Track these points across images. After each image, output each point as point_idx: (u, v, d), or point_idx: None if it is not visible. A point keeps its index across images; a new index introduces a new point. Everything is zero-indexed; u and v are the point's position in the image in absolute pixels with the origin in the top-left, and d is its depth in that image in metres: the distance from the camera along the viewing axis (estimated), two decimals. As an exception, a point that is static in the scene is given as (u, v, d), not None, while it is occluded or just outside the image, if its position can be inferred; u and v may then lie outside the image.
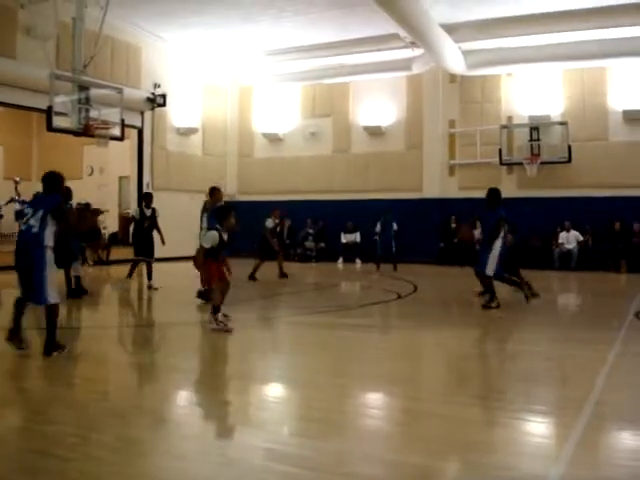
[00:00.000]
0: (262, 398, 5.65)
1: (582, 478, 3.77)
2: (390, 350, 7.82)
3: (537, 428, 4.79)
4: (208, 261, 8.35)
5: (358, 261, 21.39)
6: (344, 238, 22.34)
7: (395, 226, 18.80)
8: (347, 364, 6.97)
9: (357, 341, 8.28)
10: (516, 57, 19.82)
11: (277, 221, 15.64)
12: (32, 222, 6.62)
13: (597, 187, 19.44)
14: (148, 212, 13.30)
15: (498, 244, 10.70)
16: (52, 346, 6.66)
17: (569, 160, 19.70)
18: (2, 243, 19.98)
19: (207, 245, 8.27)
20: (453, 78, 21.57)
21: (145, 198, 13.70)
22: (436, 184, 21.87)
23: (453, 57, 19.53)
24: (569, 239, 19.50)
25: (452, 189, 21.67)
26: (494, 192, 11.38)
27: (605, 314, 10.87)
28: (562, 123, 20.04)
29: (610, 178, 19.29)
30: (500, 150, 20.46)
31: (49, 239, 6.61)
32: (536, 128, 20.30)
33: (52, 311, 6.65)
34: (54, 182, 7.10)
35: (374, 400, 5.69)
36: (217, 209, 9.36)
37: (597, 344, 7.83)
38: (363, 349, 7.80)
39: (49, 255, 6.61)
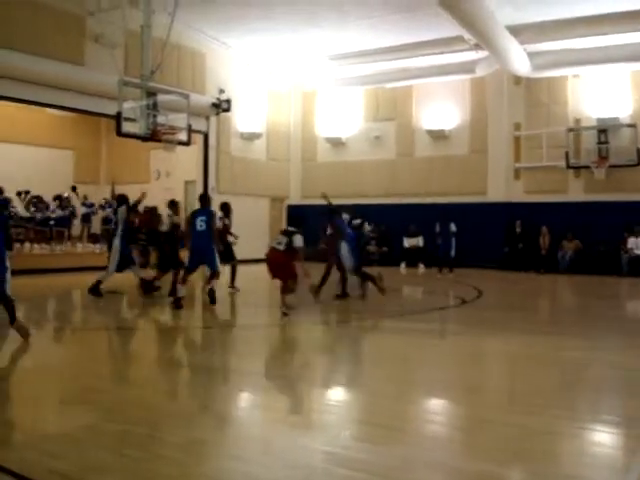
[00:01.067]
0: (325, 402, 5.67)
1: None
2: (454, 356, 7.76)
3: (606, 439, 4.68)
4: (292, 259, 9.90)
5: (421, 266, 21.22)
6: (407, 242, 22.22)
7: (454, 227, 18.60)
8: (411, 369, 6.94)
9: (421, 346, 8.24)
10: (583, 58, 19.40)
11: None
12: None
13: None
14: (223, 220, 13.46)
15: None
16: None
17: (638, 163, 19.20)
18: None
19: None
20: (518, 80, 21.25)
21: (223, 208, 13.81)
22: (501, 188, 21.58)
23: (518, 59, 19.25)
24: (638, 244, 18.99)
25: (517, 193, 21.36)
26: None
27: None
28: (631, 125, 19.55)
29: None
30: (567, 153, 20.07)
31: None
32: (604, 130, 19.84)
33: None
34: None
35: (438, 406, 5.65)
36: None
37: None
38: (427, 355, 7.76)
39: None
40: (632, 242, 19.09)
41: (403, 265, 21.66)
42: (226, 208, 13.71)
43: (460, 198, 21.53)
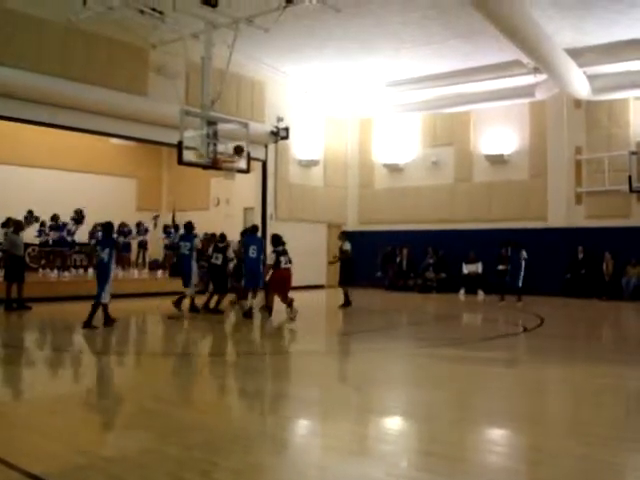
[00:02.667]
0: (384, 430, 5.64)
1: None
2: (516, 385, 7.63)
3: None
4: None
5: (480, 292, 20.95)
6: (466, 269, 21.98)
7: (525, 254, 17.74)
8: (471, 398, 6.85)
9: (482, 375, 8.13)
10: (644, 81, 19.07)
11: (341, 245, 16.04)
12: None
13: None
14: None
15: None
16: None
17: None
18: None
19: None
20: (578, 103, 20.96)
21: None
22: (562, 213, 21.21)
23: (578, 82, 19.02)
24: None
25: (579, 218, 20.96)
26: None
27: None
28: (695, 148, 19.07)
29: None
30: (630, 177, 19.66)
31: None
32: (666, 153, 19.39)
33: None
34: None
35: (500, 436, 5.55)
36: None
37: None
38: (488, 383, 7.65)
39: None
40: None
41: (462, 292, 21.42)
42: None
43: (520, 223, 21.24)
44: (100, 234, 15.75)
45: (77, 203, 21.21)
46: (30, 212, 18.63)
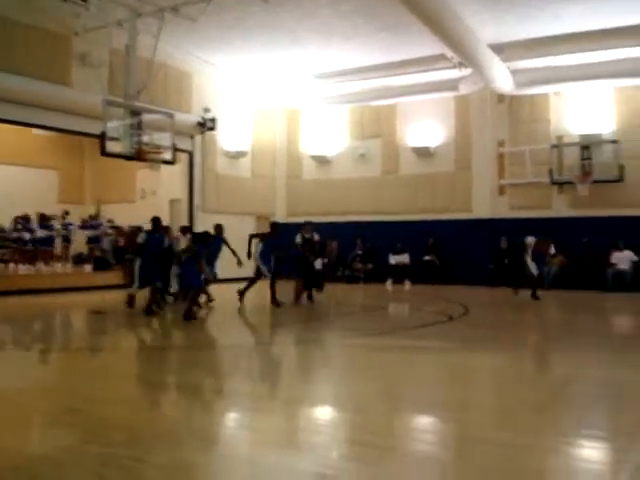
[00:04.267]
0: (314, 422, 5.63)
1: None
2: (443, 373, 7.75)
3: (593, 454, 4.68)
4: None
5: (407, 282, 21.25)
6: (392, 259, 22.24)
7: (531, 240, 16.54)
8: (400, 387, 6.92)
9: (409, 364, 8.22)
10: (565, 75, 19.61)
11: (308, 236, 15.29)
12: None
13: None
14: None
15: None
16: None
17: (621, 179, 19.39)
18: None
19: None
20: (501, 98, 21.44)
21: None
22: (486, 204, 21.69)
23: (501, 77, 19.44)
24: (622, 259, 19.12)
25: (502, 209, 21.47)
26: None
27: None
28: (614, 141, 19.73)
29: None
30: (550, 169, 20.24)
31: None
32: (587, 147, 20.03)
33: None
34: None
35: (428, 424, 5.63)
36: None
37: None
38: (415, 372, 7.74)
39: None
40: (616, 257, 19.21)
41: (389, 282, 21.66)
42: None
43: (446, 215, 21.65)
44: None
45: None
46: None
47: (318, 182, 24.62)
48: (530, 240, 16.25)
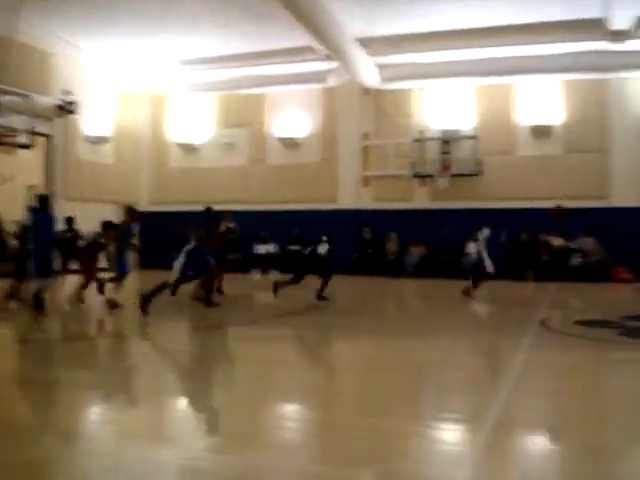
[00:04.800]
0: (177, 414, 5.59)
1: (491, 484, 3.90)
2: (305, 361, 7.86)
3: (447, 435, 4.90)
4: None
5: (274, 272, 21.34)
6: (258, 249, 22.28)
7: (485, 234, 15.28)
8: (262, 377, 6.96)
9: (272, 352, 8.28)
10: (428, 72, 20.34)
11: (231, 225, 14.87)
12: None
13: (506, 199, 20.10)
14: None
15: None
16: None
17: (480, 173, 20.32)
18: None
19: None
20: (367, 91, 21.90)
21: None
22: (351, 195, 22.13)
23: (367, 71, 19.87)
24: (476, 249, 19.92)
25: (366, 200, 21.97)
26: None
27: (512, 322, 11.22)
28: (473, 137, 20.64)
29: (518, 190, 20.02)
30: (412, 163, 20.90)
31: None
32: (447, 142, 20.85)
33: None
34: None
35: (289, 412, 5.69)
36: None
37: (504, 351, 8.08)
38: (281, 360, 7.80)
39: None
40: (471, 247, 20.03)
41: (256, 271, 21.68)
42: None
43: (311, 205, 21.91)
44: None
45: None
46: None
47: (185, 170, 24.27)
48: (486, 232, 14.97)
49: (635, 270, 19.05)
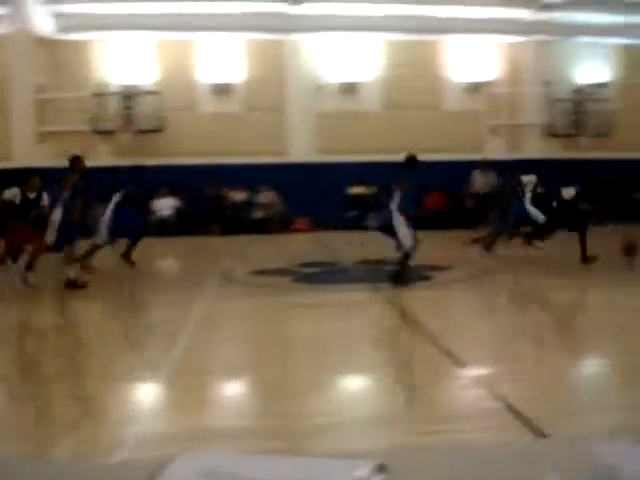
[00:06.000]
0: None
1: (157, 433, 4.06)
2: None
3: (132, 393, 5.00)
4: None
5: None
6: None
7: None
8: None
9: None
10: (108, 23, 19.80)
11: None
12: None
13: (191, 155, 20.32)
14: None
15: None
16: None
17: (163, 129, 20.32)
18: None
19: None
20: (42, 41, 20.59)
21: None
22: (27, 151, 20.77)
23: (41, 19, 18.77)
24: (164, 206, 20.10)
25: (45, 157, 20.77)
26: None
27: (195, 275, 11.54)
28: (155, 93, 20.50)
29: (202, 146, 20.38)
30: (92, 118, 20.23)
31: None
32: (129, 97, 20.49)
33: None
34: None
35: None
36: None
37: (184, 303, 8.35)
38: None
39: None
40: (158, 204, 20.09)
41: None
42: None
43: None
44: None
45: None
46: None
47: None
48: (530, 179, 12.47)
49: (313, 221, 20.51)
